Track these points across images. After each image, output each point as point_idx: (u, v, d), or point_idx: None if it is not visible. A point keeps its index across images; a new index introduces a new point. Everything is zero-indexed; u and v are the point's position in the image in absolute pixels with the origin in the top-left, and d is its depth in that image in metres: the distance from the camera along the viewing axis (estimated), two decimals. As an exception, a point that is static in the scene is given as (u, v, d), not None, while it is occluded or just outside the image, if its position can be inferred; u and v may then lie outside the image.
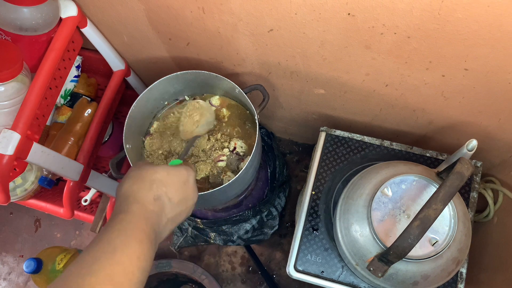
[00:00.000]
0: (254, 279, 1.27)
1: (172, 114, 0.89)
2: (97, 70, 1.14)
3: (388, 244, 0.64)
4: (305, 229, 0.84)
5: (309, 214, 0.85)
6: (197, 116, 0.85)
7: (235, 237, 1.07)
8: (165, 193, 0.51)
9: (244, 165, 0.76)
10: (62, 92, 1.03)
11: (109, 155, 1.24)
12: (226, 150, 0.84)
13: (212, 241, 1.09)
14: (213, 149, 0.85)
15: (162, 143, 0.87)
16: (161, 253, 1.33)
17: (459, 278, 0.79)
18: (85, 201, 1.13)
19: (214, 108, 0.88)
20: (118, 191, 0.50)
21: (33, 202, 1.06)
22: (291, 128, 1.26)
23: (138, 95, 0.81)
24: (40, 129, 0.81)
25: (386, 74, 0.76)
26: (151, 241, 0.46)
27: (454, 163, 0.62)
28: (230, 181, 0.75)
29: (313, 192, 0.87)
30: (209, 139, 0.85)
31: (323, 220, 0.85)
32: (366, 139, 0.91)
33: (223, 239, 1.08)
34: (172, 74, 0.82)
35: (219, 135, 0.85)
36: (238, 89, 0.81)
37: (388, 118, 0.94)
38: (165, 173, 0.52)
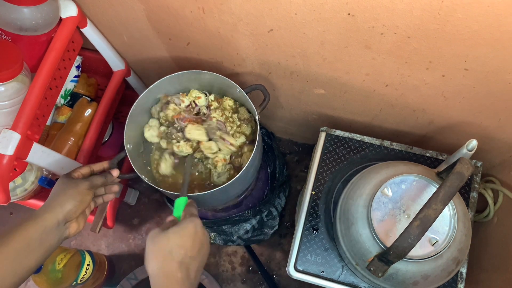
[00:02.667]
0: (254, 279, 1.27)
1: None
2: (97, 70, 1.14)
3: (388, 244, 0.64)
4: (305, 229, 0.84)
5: (309, 214, 0.85)
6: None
7: (235, 237, 1.07)
8: (185, 255, 0.57)
9: (245, 166, 0.76)
10: (62, 92, 1.03)
11: (109, 155, 1.24)
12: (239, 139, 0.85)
13: (212, 241, 1.09)
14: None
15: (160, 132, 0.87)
16: (161, 253, 1.33)
17: (459, 278, 0.79)
18: (85, 201, 1.13)
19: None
20: (148, 271, 0.57)
21: (33, 202, 1.06)
22: (291, 128, 1.26)
23: (138, 95, 0.81)
24: (40, 129, 0.82)
25: (386, 74, 0.76)
26: None
27: (454, 163, 0.63)
28: (230, 181, 0.75)
29: (313, 192, 0.87)
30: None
31: (323, 220, 0.85)
32: (366, 139, 0.91)
33: (223, 239, 1.08)
34: (172, 74, 0.82)
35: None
36: (239, 89, 0.81)
37: (388, 118, 0.94)
38: (177, 236, 0.57)
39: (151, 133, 0.85)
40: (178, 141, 0.84)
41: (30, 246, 0.59)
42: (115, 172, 0.76)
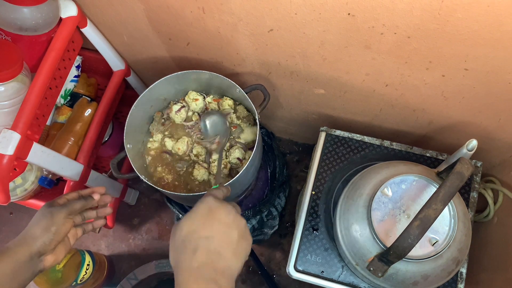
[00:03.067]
0: (254, 279, 1.27)
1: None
2: (97, 70, 1.14)
3: (388, 244, 0.64)
4: (305, 229, 0.84)
5: (309, 214, 0.85)
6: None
7: (235, 237, 1.07)
8: (198, 238, 0.50)
9: (245, 165, 0.76)
10: (62, 92, 1.03)
11: (109, 155, 1.24)
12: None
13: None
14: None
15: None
16: (161, 253, 1.33)
17: (459, 278, 0.79)
18: (85, 201, 1.13)
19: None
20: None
21: (33, 202, 1.06)
22: (291, 128, 1.26)
23: (138, 95, 0.81)
24: (40, 129, 0.81)
25: (386, 74, 0.76)
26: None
27: (454, 163, 0.63)
28: (230, 181, 0.75)
29: (313, 192, 0.87)
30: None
31: (323, 220, 0.85)
32: (366, 139, 0.91)
33: (223, 239, 1.08)
34: (172, 74, 0.82)
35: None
36: (239, 88, 0.81)
37: (388, 118, 0.94)
38: (188, 221, 0.52)
39: (155, 148, 0.87)
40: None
41: (1, 281, 0.57)
42: (96, 196, 0.72)
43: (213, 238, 0.50)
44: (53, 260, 0.64)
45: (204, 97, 0.89)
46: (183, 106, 0.87)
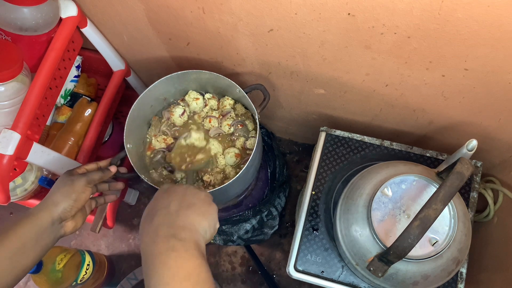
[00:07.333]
0: (254, 279, 1.27)
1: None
2: (97, 70, 1.14)
3: (388, 244, 0.64)
4: (305, 229, 0.84)
5: (309, 214, 0.85)
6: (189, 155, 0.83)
7: (235, 237, 1.07)
8: (156, 209, 0.54)
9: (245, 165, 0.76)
10: (62, 92, 1.03)
11: (109, 155, 1.24)
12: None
13: (212, 241, 1.09)
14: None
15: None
16: (161, 253, 1.33)
17: (459, 278, 0.79)
18: (85, 201, 1.13)
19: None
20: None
21: (33, 202, 1.06)
22: (291, 128, 1.26)
23: (138, 95, 0.81)
24: (40, 129, 0.82)
25: (386, 74, 0.76)
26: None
27: (454, 163, 0.63)
28: (230, 181, 0.75)
29: (313, 192, 0.87)
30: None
31: (323, 220, 0.85)
32: (366, 139, 0.91)
33: (223, 239, 1.08)
34: (172, 74, 0.82)
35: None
36: (239, 88, 0.81)
37: (388, 118, 0.94)
38: (148, 206, 0.57)
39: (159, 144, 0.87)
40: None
41: (25, 245, 0.59)
42: (113, 168, 0.75)
43: (170, 204, 0.54)
44: (73, 227, 0.67)
45: (203, 96, 0.89)
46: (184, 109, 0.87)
